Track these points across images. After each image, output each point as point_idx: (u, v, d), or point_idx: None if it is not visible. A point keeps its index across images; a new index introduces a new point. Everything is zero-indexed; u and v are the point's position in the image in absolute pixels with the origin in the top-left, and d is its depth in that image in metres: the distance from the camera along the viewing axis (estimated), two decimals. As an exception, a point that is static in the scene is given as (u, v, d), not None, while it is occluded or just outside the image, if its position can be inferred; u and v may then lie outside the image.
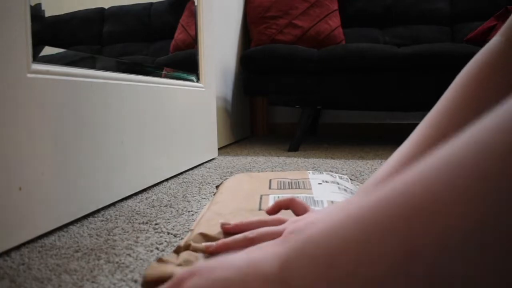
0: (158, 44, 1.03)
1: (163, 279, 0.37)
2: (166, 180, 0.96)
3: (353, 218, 0.22)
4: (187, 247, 0.44)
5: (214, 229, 0.48)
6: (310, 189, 0.63)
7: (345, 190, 0.65)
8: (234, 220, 0.46)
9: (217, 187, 0.71)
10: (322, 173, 0.74)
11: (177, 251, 0.45)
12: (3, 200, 0.50)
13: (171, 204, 0.74)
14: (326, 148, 1.57)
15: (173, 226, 0.61)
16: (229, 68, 1.83)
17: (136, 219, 0.65)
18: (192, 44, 1.19)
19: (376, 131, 2.19)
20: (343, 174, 0.99)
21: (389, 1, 1.95)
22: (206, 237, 0.46)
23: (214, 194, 0.70)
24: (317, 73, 1.52)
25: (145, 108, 0.86)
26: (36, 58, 0.57)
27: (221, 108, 1.69)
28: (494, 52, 0.38)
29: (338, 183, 0.67)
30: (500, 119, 0.17)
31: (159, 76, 0.99)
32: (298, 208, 0.44)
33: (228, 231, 0.44)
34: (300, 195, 0.59)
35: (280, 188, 0.64)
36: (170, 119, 0.98)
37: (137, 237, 0.56)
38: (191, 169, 1.12)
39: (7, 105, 0.50)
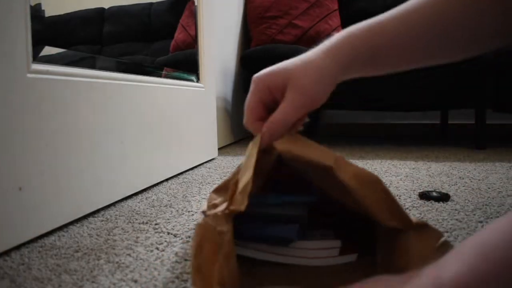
0: (158, 44, 1.03)
1: None
2: (166, 180, 0.96)
3: None
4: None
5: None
6: None
7: None
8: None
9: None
10: None
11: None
12: (3, 200, 0.50)
13: (171, 204, 0.74)
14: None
15: (173, 226, 0.61)
16: (229, 68, 1.83)
17: (136, 219, 0.65)
18: (192, 44, 1.19)
19: (376, 131, 2.19)
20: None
21: (389, 1, 1.95)
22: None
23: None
24: (317, 73, 1.51)
25: (145, 108, 0.86)
26: (36, 58, 0.57)
27: (221, 108, 1.69)
28: None
29: None
30: None
31: (159, 76, 0.99)
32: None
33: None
34: None
35: None
36: (170, 119, 0.98)
37: (137, 237, 0.56)
38: (191, 169, 1.12)
39: (7, 105, 0.50)
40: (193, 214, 0.67)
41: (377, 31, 0.44)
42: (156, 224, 0.62)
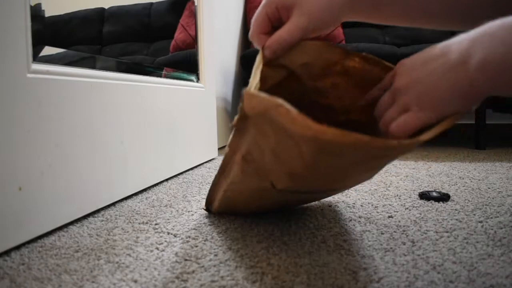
0: (158, 44, 1.03)
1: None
2: (166, 180, 0.96)
3: None
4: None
5: None
6: None
7: None
8: None
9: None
10: None
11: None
12: (3, 200, 0.50)
13: (171, 204, 0.74)
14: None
15: (173, 226, 0.61)
16: (229, 68, 1.83)
17: (136, 219, 0.65)
18: (192, 44, 1.19)
19: (376, 131, 2.18)
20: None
21: (389, 1, 1.95)
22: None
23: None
24: (317, 73, 1.51)
25: (145, 108, 0.86)
26: (36, 58, 0.57)
27: (221, 108, 1.69)
28: None
29: None
30: None
31: (159, 76, 0.99)
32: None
33: None
34: None
35: None
36: (170, 119, 0.98)
37: (137, 237, 0.56)
38: (191, 169, 1.12)
39: (7, 105, 0.50)
40: (193, 214, 0.67)
41: None
42: (156, 224, 0.62)
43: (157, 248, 0.52)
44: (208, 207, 0.66)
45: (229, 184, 0.54)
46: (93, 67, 0.72)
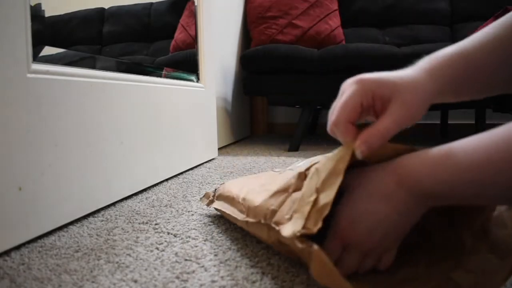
0: (158, 44, 1.03)
1: None
2: (166, 180, 0.96)
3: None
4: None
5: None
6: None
7: None
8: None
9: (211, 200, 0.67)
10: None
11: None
12: (3, 200, 0.50)
13: (171, 204, 0.74)
14: (326, 148, 1.57)
15: (173, 226, 0.61)
16: (229, 68, 1.83)
17: (136, 219, 0.65)
18: (192, 44, 1.19)
19: (376, 131, 2.18)
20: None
21: (389, 1, 1.95)
22: None
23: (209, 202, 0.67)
24: (317, 73, 1.52)
25: (145, 108, 0.86)
26: (36, 58, 0.57)
27: (221, 108, 1.69)
28: None
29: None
30: None
31: (159, 76, 0.99)
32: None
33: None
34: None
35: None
36: (170, 119, 0.98)
37: (137, 237, 0.56)
38: (191, 169, 1.12)
39: (7, 104, 0.50)
40: (193, 214, 0.67)
41: (469, 60, 0.46)
42: (156, 224, 0.62)
43: (157, 248, 0.52)
44: (212, 196, 0.65)
45: (245, 227, 0.52)
46: (93, 67, 0.72)
